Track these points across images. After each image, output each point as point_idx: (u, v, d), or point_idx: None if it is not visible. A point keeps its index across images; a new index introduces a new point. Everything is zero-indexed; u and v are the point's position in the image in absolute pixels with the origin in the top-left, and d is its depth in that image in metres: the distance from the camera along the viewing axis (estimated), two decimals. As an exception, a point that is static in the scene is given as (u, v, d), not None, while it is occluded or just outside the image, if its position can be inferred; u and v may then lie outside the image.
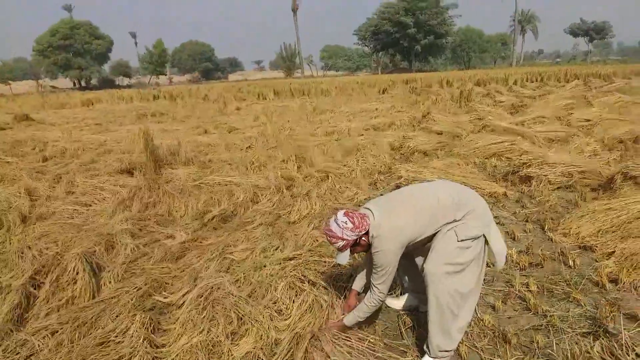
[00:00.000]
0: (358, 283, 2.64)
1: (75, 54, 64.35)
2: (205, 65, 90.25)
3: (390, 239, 2.20)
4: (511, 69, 46.57)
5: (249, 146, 8.07)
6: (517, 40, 73.09)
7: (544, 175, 5.20)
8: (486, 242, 2.27)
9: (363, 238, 2.26)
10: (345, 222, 2.21)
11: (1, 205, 4.61)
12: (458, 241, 2.18)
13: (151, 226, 4.25)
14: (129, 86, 57.85)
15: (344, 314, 2.58)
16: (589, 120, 8.14)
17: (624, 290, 2.91)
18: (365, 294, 2.45)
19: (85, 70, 65.09)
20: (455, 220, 2.22)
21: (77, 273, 3.03)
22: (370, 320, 2.62)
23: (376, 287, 2.31)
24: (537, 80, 23.18)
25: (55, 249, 3.56)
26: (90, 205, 4.88)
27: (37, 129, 11.51)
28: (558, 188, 5.10)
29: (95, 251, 3.47)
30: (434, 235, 2.27)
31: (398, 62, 75.71)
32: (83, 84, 66.01)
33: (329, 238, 2.26)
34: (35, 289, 3.02)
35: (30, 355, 2.36)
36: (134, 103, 20.88)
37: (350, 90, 22.00)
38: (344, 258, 2.29)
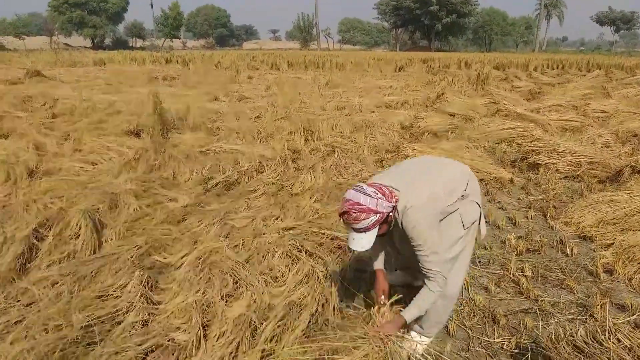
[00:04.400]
0: (380, 262, 2.27)
1: (91, 12, 63.93)
2: (220, 31, 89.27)
3: (427, 207, 1.89)
4: (533, 54, 45.48)
5: (258, 116, 8.05)
6: (542, 25, 71.20)
7: (553, 164, 5.14)
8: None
9: (391, 213, 1.89)
10: (376, 192, 1.81)
11: (9, 158, 4.66)
12: (464, 229, 2.08)
13: (155, 188, 4.28)
14: (142, 48, 57.38)
15: (382, 301, 2.18)
16: (605, 112, 7.99)
17: (618, 281, 2.91)
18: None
19: (99, 30, 64.69)
20: (463, 196, 2.08)
21: (80, 228, 3.09)
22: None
23: (430, 270, 1.92)
24: (558, 68, 22.70)
25: (60, 204, 3.60)
26: (97, 164, 4.92)
27: (48, 85, 11.47)
28: (565, 177, 5.05)
29: (98, 209, 3.51)
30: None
31: (417, 40, 74.17)
32: (97, 43, 65.76)
33: (356, 214, 1.78)
34: (38, 241, 3.07)
35: (31, 303, 2.41)
36: (146, 65, 20.79)
37: (366, 66, 21.69)
38: (368, 241, 1.84)
